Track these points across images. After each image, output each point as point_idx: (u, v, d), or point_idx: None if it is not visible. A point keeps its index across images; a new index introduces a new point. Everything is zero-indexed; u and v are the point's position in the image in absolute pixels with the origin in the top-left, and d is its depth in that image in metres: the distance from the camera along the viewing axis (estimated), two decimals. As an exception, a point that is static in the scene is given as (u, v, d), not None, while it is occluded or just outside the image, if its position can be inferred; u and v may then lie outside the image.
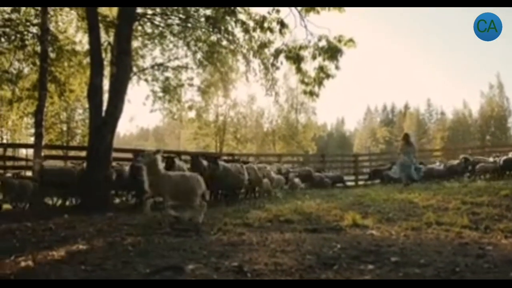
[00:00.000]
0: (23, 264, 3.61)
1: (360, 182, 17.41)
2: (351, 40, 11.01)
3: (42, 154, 11.29)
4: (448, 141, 58.68)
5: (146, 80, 15.56)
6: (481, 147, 38.23)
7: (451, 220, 6.61)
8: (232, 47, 14.12)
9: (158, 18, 14.01)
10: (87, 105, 11.44)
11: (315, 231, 5.90)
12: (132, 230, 5.78)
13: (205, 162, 9.83)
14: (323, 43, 11.09)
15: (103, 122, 9.77)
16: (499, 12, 9.29)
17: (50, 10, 12.69)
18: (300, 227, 6.28)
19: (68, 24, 14.44)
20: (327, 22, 11.06)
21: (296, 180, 14.12)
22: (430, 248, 4.12)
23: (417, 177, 13.62)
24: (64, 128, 29.39)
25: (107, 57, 12.68)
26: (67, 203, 10.84)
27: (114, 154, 10.93)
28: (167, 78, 15.89)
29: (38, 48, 12.45)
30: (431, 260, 3.51)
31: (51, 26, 13.05)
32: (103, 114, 9.99)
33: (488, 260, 3.48)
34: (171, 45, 15.36)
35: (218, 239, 5.07)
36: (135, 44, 14.34)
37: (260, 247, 4.30)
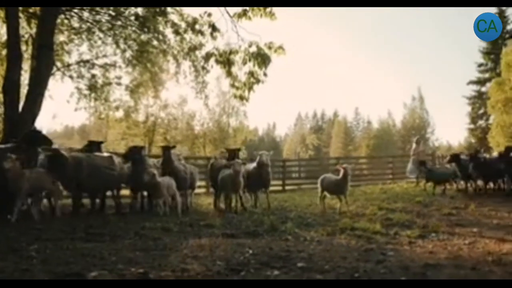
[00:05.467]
0: None
1: (287, 187, 17.69)
2: (281, 47, 11.16)
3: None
4: (373, 149, 61.39)
5: (71, 76, 14.85)
6: (402, 156, 40.38)
7: (365, 226, 6.95)
8: (162, 47, 13.90)
9: (86, 13, 13.48)
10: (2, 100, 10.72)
11: (232, 236, 5.94)
12: (42, 234, 5.50)
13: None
14: (253, 49, 11.21)
15: (20, 118, 9.26)
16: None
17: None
18: (219, 231, 6.30)
19: (-16, 12, 13.49)
20: (259, 29, 11.16)
21: None
22: (337, 254, 4.30)
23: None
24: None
25: (28, 50, 12.01)
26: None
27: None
28: (93, 76, 15.24)
29: None
30: (335, 265, 3.66)
31: (-36, 14, 12.13)
32: (20, 110, 9.48)
33: (386, 265, 3.69)
34: (99, 42, 14.73)
35: (131, 244, 4.95)
36: (61, 38, 13.70)
37: (172, 252, 4.26)
